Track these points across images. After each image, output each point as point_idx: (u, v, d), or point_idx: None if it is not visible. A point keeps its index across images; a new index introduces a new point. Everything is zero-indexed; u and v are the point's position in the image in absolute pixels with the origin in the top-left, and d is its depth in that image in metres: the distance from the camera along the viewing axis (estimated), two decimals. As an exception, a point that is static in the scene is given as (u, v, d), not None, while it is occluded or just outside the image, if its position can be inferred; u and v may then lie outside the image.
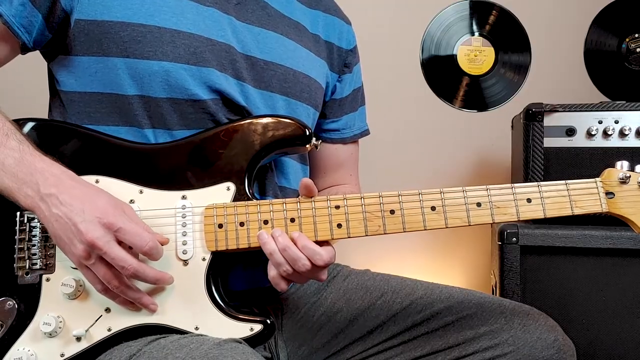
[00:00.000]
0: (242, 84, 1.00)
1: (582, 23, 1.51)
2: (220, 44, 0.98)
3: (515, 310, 1.03)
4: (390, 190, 0.93)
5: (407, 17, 1.88)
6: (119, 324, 0.89)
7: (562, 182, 0.95)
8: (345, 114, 1.23)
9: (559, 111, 1.37)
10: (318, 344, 1.07)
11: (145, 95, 0.94)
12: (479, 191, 0.93)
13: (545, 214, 0.94)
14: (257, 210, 0.91)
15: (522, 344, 0.99)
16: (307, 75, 1.09)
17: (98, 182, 0.92)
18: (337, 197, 0.92)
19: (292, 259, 0.87)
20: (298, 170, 1.11)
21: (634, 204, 0.96)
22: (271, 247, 0.88)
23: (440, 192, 0.93)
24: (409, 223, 0.92)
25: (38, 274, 0.90)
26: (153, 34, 0.93)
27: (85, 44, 0.94)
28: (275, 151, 0.96)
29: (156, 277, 0.86)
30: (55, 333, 0.88)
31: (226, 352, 0.81)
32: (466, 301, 1.06)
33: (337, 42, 1.19)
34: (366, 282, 1.13)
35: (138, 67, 0.93)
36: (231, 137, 0.95)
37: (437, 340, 1.03)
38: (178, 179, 0.93)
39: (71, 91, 0.97)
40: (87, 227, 0.81)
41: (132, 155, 0.94)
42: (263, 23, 1.05)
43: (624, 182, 0.96)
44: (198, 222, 0.91)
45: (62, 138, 0.94)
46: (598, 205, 0.95)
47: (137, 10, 0.94)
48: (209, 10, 0.99)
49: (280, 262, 0.88)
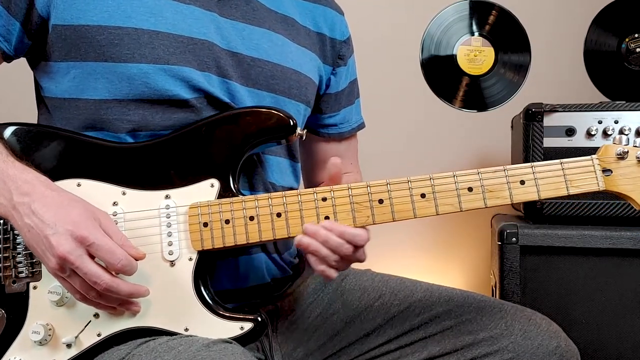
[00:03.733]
0: (227, 82, 0.97)
1: (582, 23, 1.50)
2: (202, 41, 0.95)
3: (516, 315, 1.00)
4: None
5: (407, 17, 1.87)
6: (109, 328, 0.88)
7: (556, 161, 0.91)
8: (342, 107, 1.20)
9: (558, 111, 1.37)
10: (314, 345, 1.05)
11: (124, 99, 0.92)
12: (470, 175, 0.90)
13: (540, 195, 0.90)
14: (242, 206, 0.89)
15: (523, 351, 0.96)
16: (296, 71, 1.05)
17: (80, 185, 0.89)
18: (324, 189, 0.90)
19: (335, 247, 0.86)
20: (287, 167, 1.08)
21: (633, 179, 0.91)
22: (315, 245, 0.87)
23: (430, 179, 0.89)
24: (398, 212, 0.89)
25: (25, 282, 0.88)
26: (130, 36, 0.91)
27: (63, 49, 0.92)
28: (258, 143, 0.93)
29: (130, 292, 0.84)
30: (45, 341, 0.87)
31: (214, 353, 0.79)
32: (466, 305, 1.03)
33: (329, 34, 1.15)
34: (364, 283, 1.11)
35: (116, 70, 0.91)
36: (212, 131, 0.92)
37: (434, 346, 1.01)
38: (161, 178, 0.91)
39: (54, 97, 0.95)
40: (58, 241, 0.78)
41: (113, 156, 0.91)
42: (248, 18, 1.02)
43: (621, 158, 0.91)
44: (183, 221, 0.89)
45: (42, 141, 0.91)
46: (595, 184, 0.91)
47: (113, 13, 0.91)
48: (189, 8, 0.96)
49: (326, 254, 0.87)
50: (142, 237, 0.89)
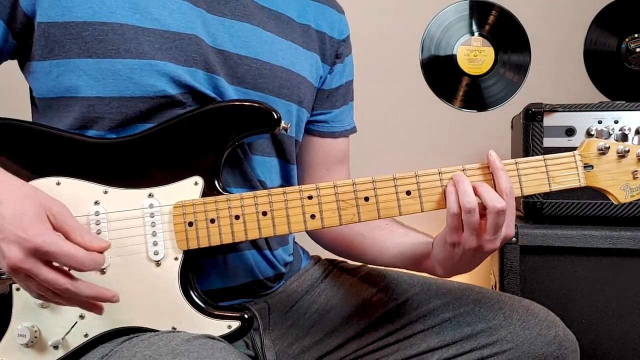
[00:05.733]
0: (215, 78, 0.95)
1: (582, 23, 1.49)
2: (189, 36, 0.93)
3: (514, 305, 1.00)
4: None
5: (406, 17, 1.87)
6: (96, 329, 0.86)
7: (540, 157, 0.90)
8: (336, 107, 1.16)
9: (558, 111, 1.36)
10: (310, 342, 1.05)
11: (109, 96, 0.90)
12: (455, 171, 0.89)
13: (523, 192, 0.89)
14: (228, 205, 0.88)
15: (522, 341, 0.96)
16: (287, 70, 1.02)
17: (59, 184, 0.87)
18: (310, 187, 0.88)
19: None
20: (275, 167, 1.05)
21: (613, 175, 0.90)
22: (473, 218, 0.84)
23: (415, 176, 0.89)
24: (383, 210, 0.88)
25: (7, 283, 0.86)
26: (115, 31, 0.89)
27: (47, 47, 0.90)
28: (241, 137, 0.91)
29: (93, 295, 0.78)
30: (32, 343, 0.85)
31: (193, 347, 0.78)
32: (464, 297, 1.03)
33: (329, 32, 1.12)
34: (362, 278, 1.10)
35: (101, 67, 0.89)
36: (194, 125, 0.90)
37: (433, 338, 1.00)
38: (143, 175, 0.89)
39: (41, 98, 0.94)
40: (9, 249, 0.73)
41: (93, 152, 0.89)
42: (237, 15, 0.99)
43: (603, 153, 0.90)
44: (167, 221, 0.87)
45: (20, 138, 0.88)
46: (576, 180, 0.90)
47: (98, 9, 0.90)
48: (176, 3, 0.94)
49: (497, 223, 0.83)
50: (126, 238, 0.87)
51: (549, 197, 1.36)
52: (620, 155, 0.91)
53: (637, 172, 0.91)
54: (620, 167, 0.91)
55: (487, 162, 0.89)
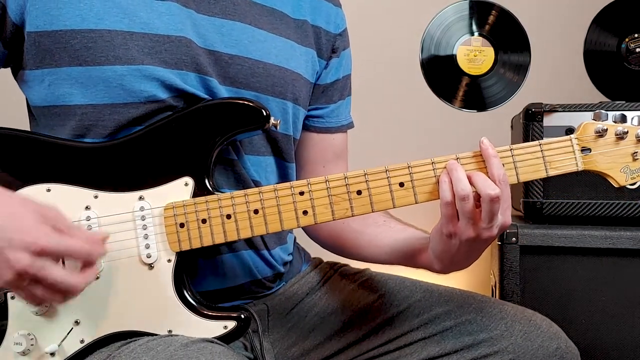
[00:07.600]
0: (206, 79, 0.94)
1: (582, 23, 1.49)
2: (178, 38, 0.92)
3: (516, 316, 0.98)
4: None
5: (407, 17, 1.87)
6: (91, 334, 0.85)
7: (535, 142, 0.88)
8: (332, 102, 1.14)
9: (558, 111, 1.36)
10: (310, 345, 1.04)
11: (101, 103, 0.89)
12: (448, 161, 0.87)
13: (519, 178, 0.87)
14: (219, 205, 0.87)
15: (523, 352, 0.94)
16: (280, 67, 1.01)
17: (50, 190, 0.86)
18: (301, 183, 0.87)
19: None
20: (271, 165, 1.04)
21: (611, 157, 0.88)
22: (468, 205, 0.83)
23: (408, 167, 0.87)
24: (377, 203, 0.87)
25: (2, 292, 0.85)
26: (104, 38, 0.88)
27: (38, 56, 0.89)
28: (230, 135, 0.90)
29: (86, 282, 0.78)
30: (28, 351, 0.84)
31: (192, 352, 0.77)
32: (466, 305, 1.01)
33: (324, 26, 1.10)
34: (364, 283, 1.09)
35: (91, 74, 0.88)
36: (182, 125, 0.89)
37: (434, 346, 0.99)
38: (133, 178, 0.88)
39: (35, 106, 0.93)
40: (15, 256, 0.71)
41: (83, 157, 0.88)
42: (227, 13, 0.98)
43: (600, 136, 0.88)
44: (159, 223, 0.87)
45: (7, 146, 0.87)
46: (574, 164, 0.88)
47: (86, 16, 0.88)
48: (165, 5, 0.92)
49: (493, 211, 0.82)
50: (118, 242, 0.86)
51: (549, 197, 1.36)
52: (619, 137, 0.88)
53: (637, 154, 0.88)
54: (619, 149, 0.88)
55: (480, 150, 0.87)
